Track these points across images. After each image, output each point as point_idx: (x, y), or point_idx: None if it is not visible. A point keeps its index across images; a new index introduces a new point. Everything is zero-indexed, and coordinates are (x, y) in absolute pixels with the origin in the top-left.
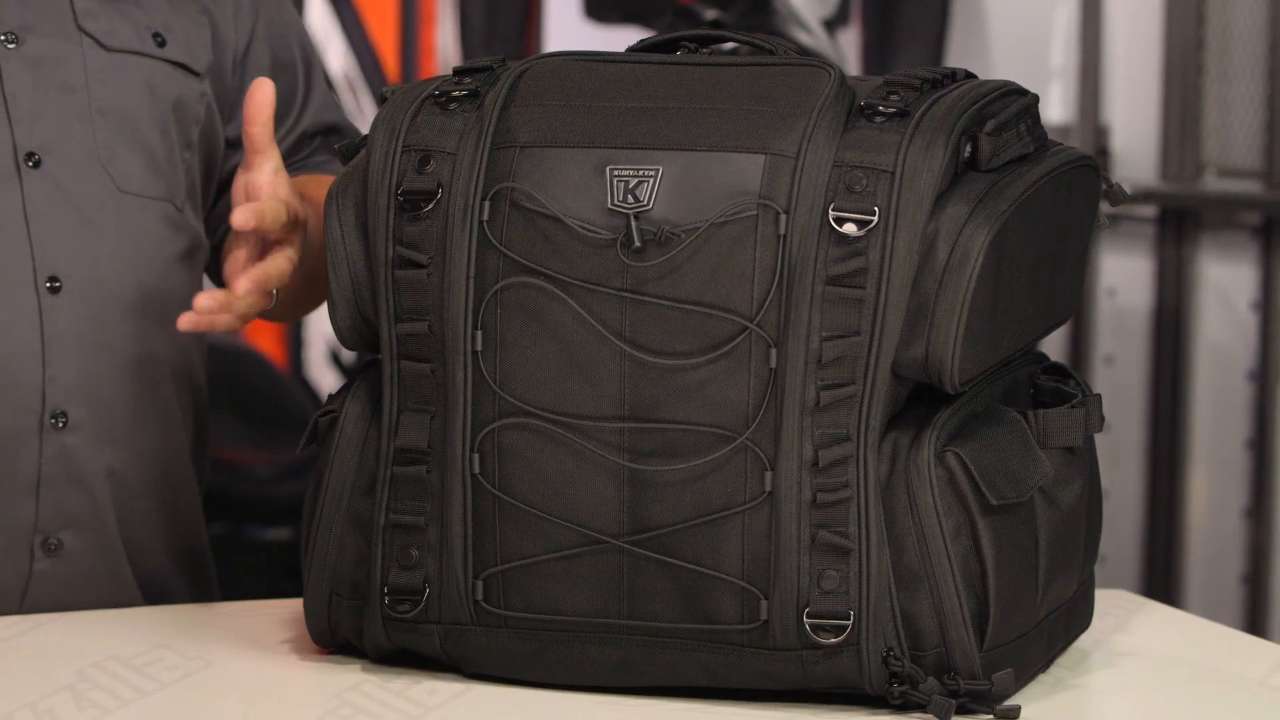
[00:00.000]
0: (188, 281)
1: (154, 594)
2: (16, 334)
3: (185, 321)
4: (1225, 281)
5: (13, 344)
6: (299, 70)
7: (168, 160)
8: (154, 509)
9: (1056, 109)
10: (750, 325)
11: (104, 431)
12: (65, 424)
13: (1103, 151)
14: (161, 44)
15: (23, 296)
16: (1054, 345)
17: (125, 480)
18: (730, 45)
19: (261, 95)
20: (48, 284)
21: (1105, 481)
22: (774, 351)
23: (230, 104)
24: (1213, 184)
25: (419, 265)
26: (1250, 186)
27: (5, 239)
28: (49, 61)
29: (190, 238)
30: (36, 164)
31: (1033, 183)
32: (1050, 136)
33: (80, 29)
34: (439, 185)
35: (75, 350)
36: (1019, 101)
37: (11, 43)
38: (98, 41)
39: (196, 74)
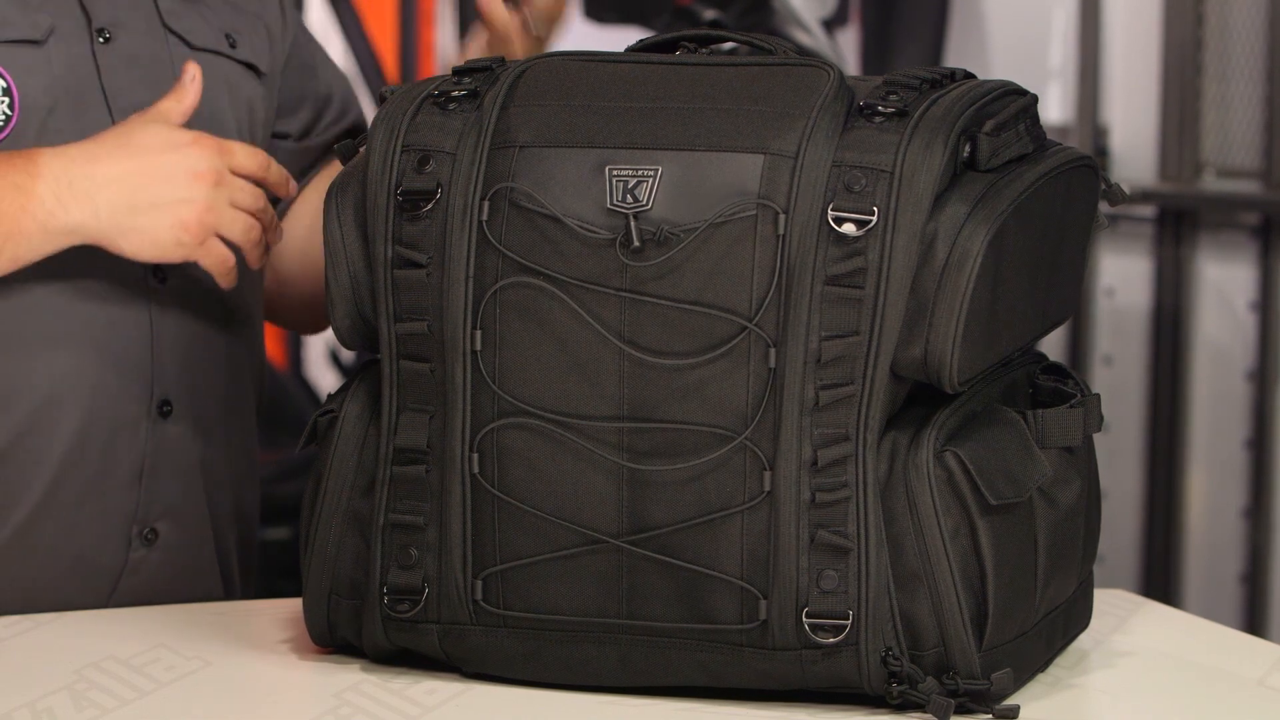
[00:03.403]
0: (255, 279)
1: (226, 586)
2: (129, 325)
3: None
4: (1224, 282)
5: (126, 334)
6: (329, 74)
7: None
8: (230, 500)
9: (1055, 109)
10: (749, 325)
11: (200, 422)
12: (170, 414)
13: (1101, 151)
14: (233, 45)
15: (135, 286)
16: (1053, 345)
17: (214, 471)
18: (729, 45)
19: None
20: (156, 276)
21: (1104, 481)
22: (773, 351)
23: (276, 106)
24: (1211, 184)
25: (418, 265)
26: (1249, 187)
27: None
28: (141, 59)
29: None
30: None
31: (1031, 183)
32: (1049, 136)
33: (166, 27)
34: (438, 185)
35: (179, 341)
36: (1018, 102)
37: (105, 39)
38: (184, 40)
39: (261, 75)
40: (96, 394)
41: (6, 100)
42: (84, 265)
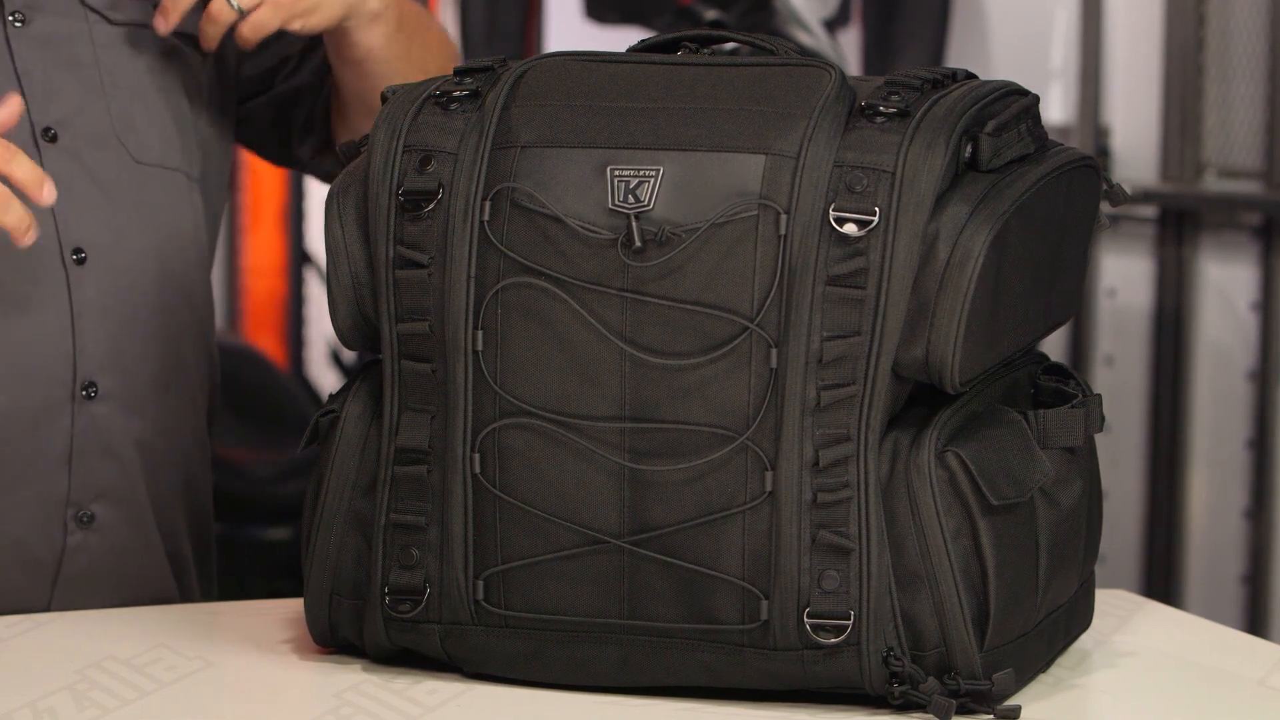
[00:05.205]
0: (197, 255)
1: (175, 569)
2: (46, 306)
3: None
4: (1225, 282)
5: (43, 317)
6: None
7: (180, 130)
8: (178, 480)
9: (1057, 109)
10: (751, 325)
11: (132, 402)
12: (95, 394)
13: (1103, 152)
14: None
15: (50, 269)
16: (1054, 345)
17: (153, 451)
18: (731, 45)
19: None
20: (74, 256)
21: (1105, 481)
22: (774, 351)
23: (234, 53)
24: (1213, 184)
25: (420, 265)
26: (1250, 187)
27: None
28: (57, 38)
29: (203, 209)
30: (53, 139)
31: (1033, 183)
32: (1050, 137)
33: (85, 4)
34: (440, 185)
35: (102, 321)
36: (1019, 102)
37: (19, 22)
38: (103, 16)
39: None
40: (15, 379)
41: None
42: None
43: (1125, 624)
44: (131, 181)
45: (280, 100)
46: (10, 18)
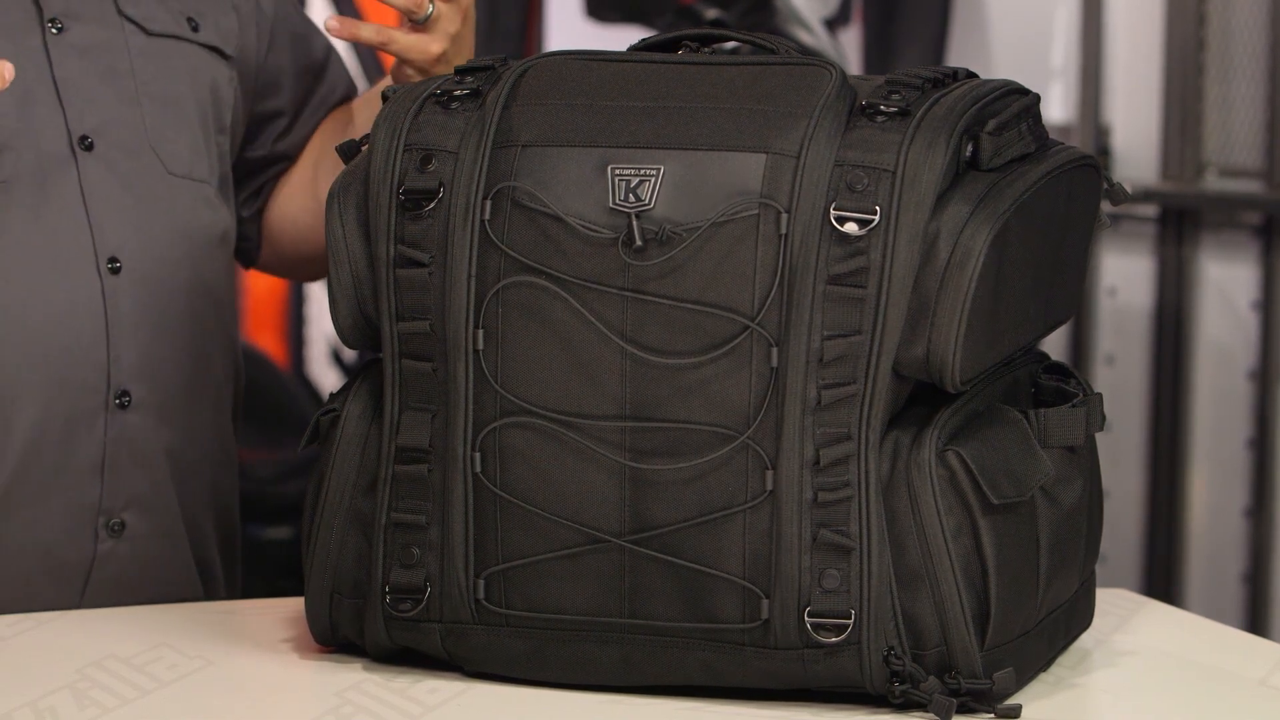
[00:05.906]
0: (224, 264)
1: (203, 575)
2: (82, 315)
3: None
4: (1226, 281)
5: (79, 325)
6: (321, 41)
7: (206, 143)
8: (205, 488)
9: (1057, 108)
10: (751, 324)
11: (163, 411)
12: (128, 404)
13: (1103, 151)
14: (195, 28)
15: (86, 277)
16: (1055, 345)
17: (183, 459)
18: (731, 44)
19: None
20: (109, 264)
21: (1106, 481)
22: (775, 351)
23: (254, 86)
24: (1213, 184)
25: (420, 264)
26: (1251, 186)
27: (67, 220)
28: (95, 47)
29: (226, 221)
30: (89, 147)
31: (1034, 182)
32: (1051, 136)
33: (121, 14)
34: (440, 184)
35: (136, 330)
36: (1020, 101)
37: (57, 30)
38: (140, 26)
39: (227, 58)
40: (51, 388)
41: None
42: (34, 258)
43: (1126, 623)
44: (164, 191)
45: (262, 158)
46: (49, 25)
